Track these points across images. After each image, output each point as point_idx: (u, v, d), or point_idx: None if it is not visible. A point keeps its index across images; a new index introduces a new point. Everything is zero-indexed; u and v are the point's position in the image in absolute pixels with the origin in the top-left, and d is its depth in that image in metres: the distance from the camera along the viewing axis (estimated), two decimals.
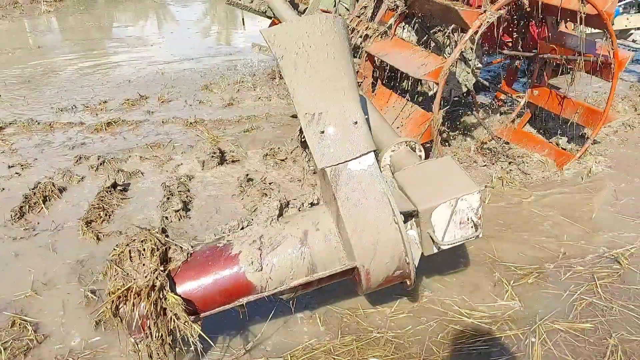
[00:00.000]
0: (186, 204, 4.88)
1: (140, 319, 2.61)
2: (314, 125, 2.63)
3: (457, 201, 2.93)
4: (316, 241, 2.82)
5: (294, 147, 5.66)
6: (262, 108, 7.51)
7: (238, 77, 8.98)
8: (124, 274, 2.59)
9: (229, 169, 5.67)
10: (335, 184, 2.66)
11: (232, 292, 2.75)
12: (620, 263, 4.00)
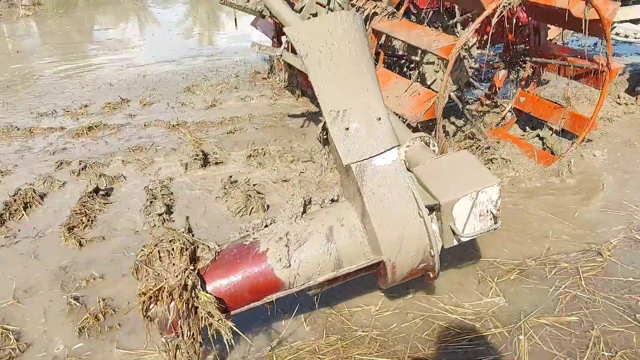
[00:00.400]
0: (169, 207, 4.85)
1: (172, 319, 2.63)
2: (338, 122, 2.65)
3: (478, 194, 2.99)
4: (341, 236, 2.86)
5: (280, 148, 5.66)
6: (245, 109, 7.49)
7: (220, 79, 8.96)
8: (155, 274, 2.61)
9: (212, 171, 5.64)
10: (360, 179, 2.69)
11: (261, 289, 2.78)
12: (602, 255, 4.05)
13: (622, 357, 3.14)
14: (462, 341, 3.33)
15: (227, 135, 6.58)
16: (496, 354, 3.22)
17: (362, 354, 3.24)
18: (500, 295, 3.71)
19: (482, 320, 3.50)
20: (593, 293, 3.68)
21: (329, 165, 3.13)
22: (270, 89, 8.41)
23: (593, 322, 3.42)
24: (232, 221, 4.68)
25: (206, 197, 5.11)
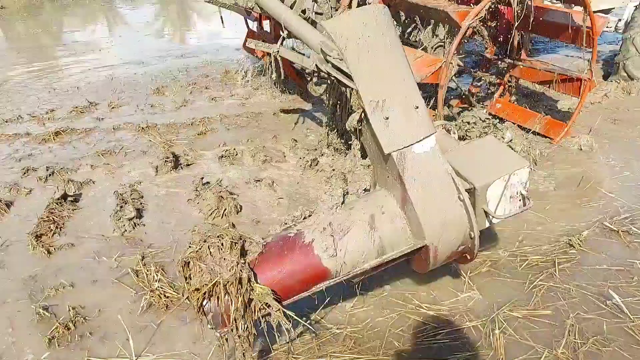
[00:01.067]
0: (140, 211, 4.77)
1: (226, 313, 2.64)
2: (378, 112, 2.72)
3: (510, 176, 3.06)
4: (383, 224, 2.90)
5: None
6: (216, 109, 7.42)
7: (190, 79, 8.86)
8: (209, 269, 2.60)
9: (183, 173, 5.57)
10: (402, 167, 2.76)
11: (310, 279, 2.81)
12: (574, 246, 4.10)
13: (594, 343, 3.19)
14: (437, 336, 3.34)
15: (198, 136, 6.51)
16: (472, 348, 3.24)
17: (337, 352, 3.24)
18: (474, 289, 3.73)
19: (457, 314, 3.52)
20: (567, 283, 3.73)
21: (359, 158, 3.20)
22: (242, 88, 8.34)
23: (569, 311, 3.47)
24: (204, 223, 4.63)
25: (178, 199, 5.05)
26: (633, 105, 7.10)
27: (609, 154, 5.72)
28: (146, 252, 4.21)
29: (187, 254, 2.65)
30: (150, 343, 3.34)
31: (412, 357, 3.19)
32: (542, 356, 3.13)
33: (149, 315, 3.56)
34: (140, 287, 3.79)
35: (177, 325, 3.48)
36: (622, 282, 3.70)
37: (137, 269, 3.97)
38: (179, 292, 3.71)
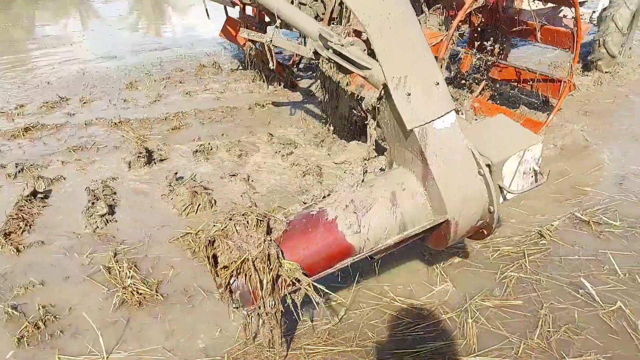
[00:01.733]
0: (112, 208, 4.70)
1: (254, 290, 2.64)
2: (400, 89, 2.74)
3: (525, 152, 3.10)
4: (404, 200, 2.92)
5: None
6: (190, 104, 7.33)
7: (164, 73, 8.74)
8: (237, 246, 2.59)
9: (157, 168, 5.50)
10: (424, 143, 2.78)
11: (334, 256, 2.82)
12: (545, 237, 4.15)
13: (565, 331, 3.24)
14: (411, 328, 3.36)
15: (172, 131, 6.42)
16: (446, 339, 3.27)
17: (311, 344, 3.23)
18: (447, 281, 3.76)
19: (432, 306, 3.54)
20: (537, 274, 3.78)
21: (374, 137, 3.23)
22: (217, 82, 8.27)
23: (542, 301, 3.51)
24: (178, 219, 4.57)
25: (151, 195, 4.98)
26: (603, 97, 7.23)
27: (580, 144, 5.80)
28: (118, 249, 4.14)
29: (212, 232, 2.64)
30: (122, 340, 3.29)
31: (386, 348, 3.20)
32: (515, 345, 3.16)
33: (121, 312, 3.51)
34: (113, 284, 3.73)
35: (149, 322, 3.44)
36: (593, 271, 3.76)
37: (109, 265, 3.91)
38: (152, 289, 3.67)
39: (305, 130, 6.31)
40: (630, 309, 3.38)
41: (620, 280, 3.65)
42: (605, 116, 6.59)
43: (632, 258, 3.88)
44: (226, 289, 2.70)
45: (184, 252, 4.12)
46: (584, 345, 3.15)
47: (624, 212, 4.45)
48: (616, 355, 3.06)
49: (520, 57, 8.83)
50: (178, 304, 3.59)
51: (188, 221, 4.55)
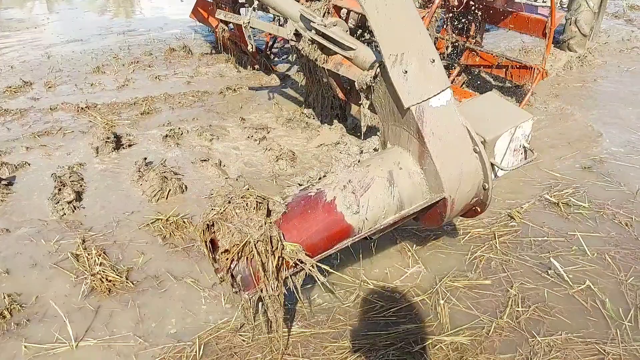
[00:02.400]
0: (79, 194, 4.58)
1: (256, 273, 2.60)
2: (397, 66, 2.70)
3: (516, 129, 3.11)
4: (401, 179, 2.91)
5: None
6: (159, 88, 7.18)
7: (133, 57, 8.53)
8: (238, 229, 2.53)
9: (125, 154, 5.38)
10: (420, 121, 2.77)
11: (335, 237, 2.79)
12: (514, 218, 4.20)
13: (535, 310, 3.29)
14: (384, 312, 3.36)
15: (141, 116, 6.29)
16: (419, 321, 3.29)
17: (284, 327, 3.22)
18: (419, 263, 3.78)
19: (404, 289, 3.55)
20: (507, 255, 3.82)
21: (368, 116, 3.19)
22: (187, 66, 8.12)
23: (512, 281, 3.55)
24: (148, 205, 4.49)
25: (120, 181, 4.87)
26: (572, 80, 7.34)
27: (549, 130, 5.88)
28: (87, 236, 4.05)
29: (210, 216, 2.56)
30: (91, 328, 3.22)
31: (359, 331, 3.20)
32: (486, 325, 3.20)
33: (90, 300, 3.44)
34: (81, 271, 3.64)
35: (119, 309, 3.37)
36: (562, 252, 3.82)
37: (77, 253, 3.82)
38: (122, 276, 3.60)
39: (278, 115, 6.24)
40: (598, 288, 3.44)
41: (589, 260, 3.71)
42: (575, 101, 6.68)
43: (600, 239, 3.95)
44: (227, 273, 2.65)
45: (155, 238, 4.05)
46: (553, 324, 3.20)
47: (591, 195, 4.53)
48: (586, 333, 3.12)
49: (490, 42, 8.89)
50: (149, 291, 3.53)
51: (158, 207, 4.47)
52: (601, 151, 5.31)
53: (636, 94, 6.86)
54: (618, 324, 3.17)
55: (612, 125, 5.92)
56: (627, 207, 4.33)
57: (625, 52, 8.43)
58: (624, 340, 3.05)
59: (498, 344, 3.08)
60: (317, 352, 3.06)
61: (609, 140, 5.55)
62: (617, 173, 4.87)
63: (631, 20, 10.73)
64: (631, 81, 7.30)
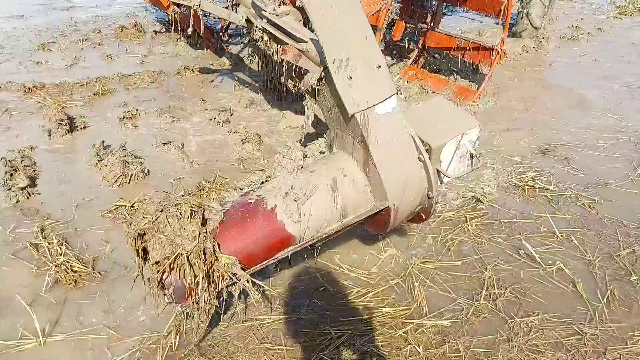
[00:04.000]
0: (33, 180, 4.32)
1: (188, 286, 2.48)
2: (342, 71, 2.61)
3: (463, 136, 3.06)
4: (345, 187, 2.84)
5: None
6: (112, 68, 6.84)
7: (80, 35, 8.10)
8: (169, 241, 2.39)
9: (80, 136, 5.11)
10: (365, 128, 2.70)
11: (274, 247, 2.71)
12: (482, 202, 4.26)
13: (511, 292, 3.35)
14: (361, 297, 3.34)
15: (94, 97, 5.97)
16: (397, 304, 3.28)
17: (261, 313, 3.16)
18: (391, 247, 3.78)
19: (379, 273, 3.54)
20: (480, 237, 3.87)
21: (311, 119, 3.07)
22: (140, 45, 7.78)
23: (486, 263, 3.60)
24: (109, 191, 4.28)
25: (76, 165, 4.62)
26: (528, 64, 7.51)
27: (506, 114, 6.00)
28: (45, 224, 3.82)
29: (141, 225, 2.40)
30: (59, 322, 3.04)
31: (338, 316, 3.17)
32: (465, 307, 3.24)
33: (56, 292, 3.25)
34: (43, 262, 3.43)
35: (88, 301, 3.21)
36: (530, 234, 3.90)
37: (36, 242, 3.60)
38: (88, 266, 3.42)
39: (239, 96, 6.08)
40: (569, 269, 3.54)
41: (558, 241, 3.81)
42: (533, 84, 6.83)
43: (566, 220, 4.06)
44: (158, 285, 2.52)
45: (120, 225, 3.87)
46: (530, 305, 3.27)
47: (553, 178, 4.64)
48: (562, 314, 3.20)
49: (446, 26, 8.96)
50: (118, 280, 3.37)
51: (120, 192, 4.27)
52: (558, 136, 5.45)
53: (591, 78, 7.08)
54: (591, 305, 3.27)
55: (568, 110, 6.09)
56: (588, 190, 4.46)
57: (575, 38, 8.69)
58: (601, 321, 3.15)
59: (478, 326, 3.12)
60: (297, 339, 3.01)
61: (565, 125, 5.71)
62: (575, 157, 5.01)
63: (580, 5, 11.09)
64: (585, 66, 7.53)
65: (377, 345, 2.96)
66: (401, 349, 2.94)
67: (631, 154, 5.06)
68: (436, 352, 2.93)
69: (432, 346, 2.97)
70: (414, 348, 2.94)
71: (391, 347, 2.95)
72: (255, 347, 2.94)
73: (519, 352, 2.93)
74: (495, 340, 3.02)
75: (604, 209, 4.22)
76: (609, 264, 3.60)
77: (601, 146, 5.21)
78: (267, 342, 2.98)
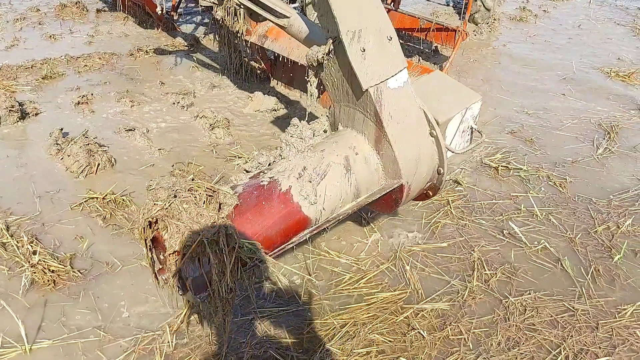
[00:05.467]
0: None
1: (207, 275, 2.29)
2: (355, 43, 2.48)
3: (466, 110, 3.01)
4: (358, 165, 2.73)
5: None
6: (58, 49, 6.40)
7: (17, 13, 7.53)
8: (188, 228, 2.19)
9: (33, 124, 4.76)
10: (379, 103, 2.58)
11: (291, 230, 2.56)
12: (460, 184, 4.30)
13: (502, 272, 3.41)
14: (354, 284, 3.31)
15: (43, 81, 5.57)
16: (391, 289, 3.27)
17: (260, 306, 3.08)
18: (376, 231, 3.76)
19: (368, 259, 3.51)
20: (463, 219, 3.91)
21: (316, 95, 2.87)
22: (84, 24, 7.32)
23: (472, 245, 3.65)
24: (75, 182, 4.01)
25: (34, 155, 4.30)
26: (484, 45, 7.64)
27: None
28: (9, 220, 3.53)
29: (153, 212, 2.19)
30: (42, 328, 2.82)
31: (336, 304, 3.13)
32: (460, 290, 3.26)
33: (34, 294, 3.01)
34: (15, 262, 3.17)
35: (71, 302, 2.99)
36: (512, 214, 3.98)
37: (3, 240, 3.32)
38: (65, 264, 3.19)
39: (200, 79, 5.84)
40: (553, 247, 3.64)
41: (538, 221, 3.91)
42: (491, 66, 6.96)
43: (540, 200, 4.17)
44: (175, 275, 2.36)
45: (93, 219, 3.63)
46: (521, 284, 3.33)
47: (522, 158, 4.76)
48: (550, 291, 3.29)
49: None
50: (101, 278, 3.17)
51: (87, 183, 4.01)
52: (521, 117, 5.58)
53: (546, 59, 7.28)
54: (578, 282, 3.38)
55: (527, 91, 6.24)
56: (557, 169, 4.60)
57: (524, 19, 8.92)
58: (589, 297, 3.25)
59: (475, 307, 3.15)
60: (300, 331, 2.93)
61: (526, 106, 5.86)
62: (540, 137, 5.15)
63: None
64: (537, 47, 7.75)
65: (382, 332, 2.93)
66: (406, 335, 2.93)
67: (592, 133, 5.26)
68: (439, 336, 2.94)
69: (435, 330, 2.98)
70: (419, 333, 2.93)
71: (396, 334, 2.93)
72: (259, 341, 2.84)
73: (517, 330, 2.99)
74: (493, 320, 3.07)
75: (574, 187, 4.36)
76: (589, 241, 3.73)
77: (563, 126, 5.38)
78: (271, 335, 2.89)
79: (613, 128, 5.32)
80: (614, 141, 5.09)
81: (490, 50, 7.47)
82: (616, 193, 4.32)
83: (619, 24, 9.04)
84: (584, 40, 8.09)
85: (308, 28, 3.00)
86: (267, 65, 5.70)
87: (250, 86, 5.74)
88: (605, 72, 6.81)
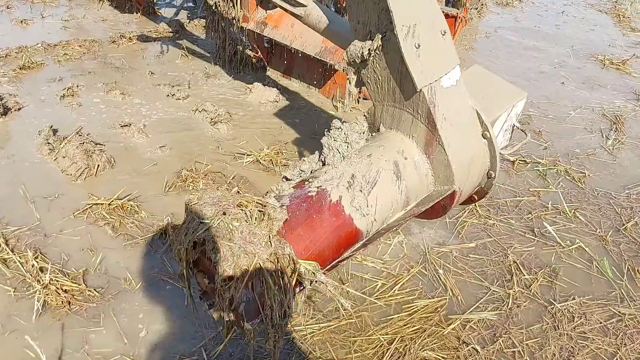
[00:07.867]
0: None
1: (260, 299, 2.02)
2: (410, 39, 2.25)
3: (512, 108, 2.82)
4: (408, 171, 2.48)
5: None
6: (32, 36, 5.91)
7: None
8: (242, 250, 1.93)
9: (16, 119, 4.35)
10: (433, 104, 2.36)
11: (342, 244, 2.30)
12: None
13: (543, 276, 3.28)
14: (389, 291, 3.12)
15: (20, 71, 5.11)
16: (427, 296, 3.10)
17: (299, 324, 2.84)
18: (399, 233, 3.58)
19: (396, 262, 3.34)
20: (490, 218, 3.77)
21: (355, 94, 2.62)
22: (57, 7, 6.81)
23: (503, 246, 3.51)
24: (73, 185, 3.67)
25: (24, 156, 3.91)
26: (475, 32, 7.51)
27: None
28: (6, 232, 3.18)
29: (199, 232, 1.93)
30: (64, 355, 2.53)
31: (377, 316, 2.94)
32: (503, 297, 3.12)
33: (47, 318, 2.70)
34: (22, 281, 2.84)
35: (92, 325, 2.70)
36: (540, 212, 3.86)
37: (4, 256, 2.98)
38: (78, 282, 2.89)
39: (192, 68, 5.49)
40: (589, 248, 3.54)
41: (568, 219, 3.80)
42: (486, 53, 6.84)
43: (564, 195, 4.07)
44: (229, 304, 2.10)
45: (101, 228, 3.31)
46: (563, 289, 3.22)
47: (534, 152, 4.65)
48: (592, 294, 3.19)
49: None
50: (120, 297, 2.87)
51: (87, 187, 3.68)
52: (525, 107, 5.47)
53: (540, 45, 7.21)
54: (616, 283, 3.29)
55: (529, 80, 6.15)
56: (573, 161, 4.51)
57: (510, 4, 8.84)
58: (632, 299, 3.17)
59: (522, 316, 3.02)
60: (347, 350, 2.73)
61: (528, 94, 5.73)
62: (547, 129, 5.06)
63: None
64: (528, 33, 7.66)
65: (433, 348, 2.76)
66: (458, 349, 2.76)
67: (598, 124, 5.20)
68: (492, 349, 2.79)
69: (486, 342, 2.83)
70: (473, 348, 2.77)
71: (447, 349, 2.77)
72: None
73: (569, 340, 2.87)
74: (542, 329, 2.94)
75: (592, 180, 4.28)
76: (620, 239, 3.65)
77: (569, 117, 5.30)
78: (316, 356, 2.68)
79: (618, 118, 5.27)
80: (622, 132, 5.04)
81: (482, 37, 7.34)
82: (631, 186, 4.26)
83: (600, 11, 9.07)
84: (571, 27, 8.07)
85: (328, 18, 2.78)
86: (263, 53, 5.41)
87: (246, 76, 5.43)
88: (599, 59, 6.79)
